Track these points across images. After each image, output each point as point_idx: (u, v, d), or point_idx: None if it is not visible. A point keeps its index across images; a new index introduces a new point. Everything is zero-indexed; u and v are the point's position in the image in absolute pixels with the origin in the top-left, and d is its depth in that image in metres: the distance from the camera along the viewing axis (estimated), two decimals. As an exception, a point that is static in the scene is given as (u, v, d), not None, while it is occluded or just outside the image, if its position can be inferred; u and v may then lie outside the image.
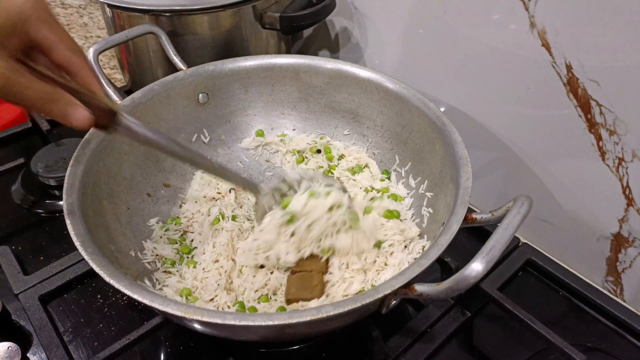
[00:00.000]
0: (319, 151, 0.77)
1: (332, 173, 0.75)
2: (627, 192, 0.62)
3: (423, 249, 0.62)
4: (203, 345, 0.60)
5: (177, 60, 0.74)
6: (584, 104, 0.61)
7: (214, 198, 0.71)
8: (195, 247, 0.65)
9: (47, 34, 0.42)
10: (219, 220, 0.66)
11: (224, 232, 0.65)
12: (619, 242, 0.65)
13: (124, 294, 0.45)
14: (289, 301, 0.58)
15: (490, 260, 0.43)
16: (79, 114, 0.44)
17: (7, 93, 0.40)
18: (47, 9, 0.42)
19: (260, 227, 0.61)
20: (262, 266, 0.61)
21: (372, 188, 0.72)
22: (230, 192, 0.71)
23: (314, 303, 0.57)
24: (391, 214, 0.66)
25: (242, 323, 0.42)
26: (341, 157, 0.77)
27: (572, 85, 0.61)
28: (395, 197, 0.70)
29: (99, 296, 0.65)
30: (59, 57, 0.43)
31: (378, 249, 0.63)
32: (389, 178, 0.74)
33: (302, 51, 1.08)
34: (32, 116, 0.92)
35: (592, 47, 0.57)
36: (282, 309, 0.58)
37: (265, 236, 0.60)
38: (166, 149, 0.54)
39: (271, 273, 0.61)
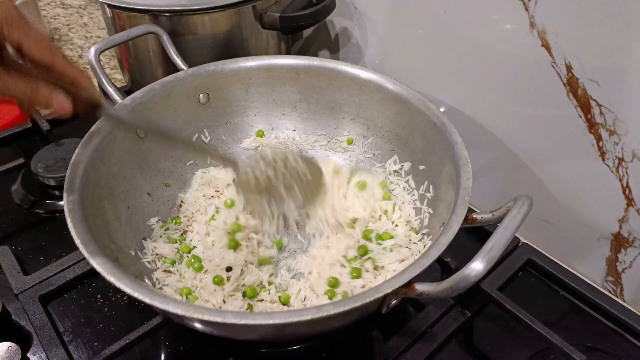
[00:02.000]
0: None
1: None
2: (627, 192, 0.62)
3: (423, 249, 0.62)
4: (203, 345, 0.60)
5: (178, 60, 0.74)
6: (584, 104, 0.61)
7: (212, 197, 0.71)
8: (195, 247, 0.65)
9: (18, 35, 0.45)
10: (214, 217, 0.66)
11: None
12: (619, 242, 0.65)
13: (124, 294, 0.45)
14: None
15: (491, 260, 0.43)
16: (58, 104, 0.48)
17: None
18: (17, 12, 0.45)
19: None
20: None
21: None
22: (227, 187, 0.71)
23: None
24: (363, 185, 0.68)
25: (243, 322, 0.42)
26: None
27: (572, 85, 0.61)
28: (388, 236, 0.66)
29: (99, 296, 0.65)
30: (31, 53, 0.46)
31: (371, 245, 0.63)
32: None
33: (302, 51, 1.08)
34: (32, 116, 0.92)
35: (592, 47, 0.57)
36: (286, 297, 0.59)
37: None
38: (150, 130, 0.64)
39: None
